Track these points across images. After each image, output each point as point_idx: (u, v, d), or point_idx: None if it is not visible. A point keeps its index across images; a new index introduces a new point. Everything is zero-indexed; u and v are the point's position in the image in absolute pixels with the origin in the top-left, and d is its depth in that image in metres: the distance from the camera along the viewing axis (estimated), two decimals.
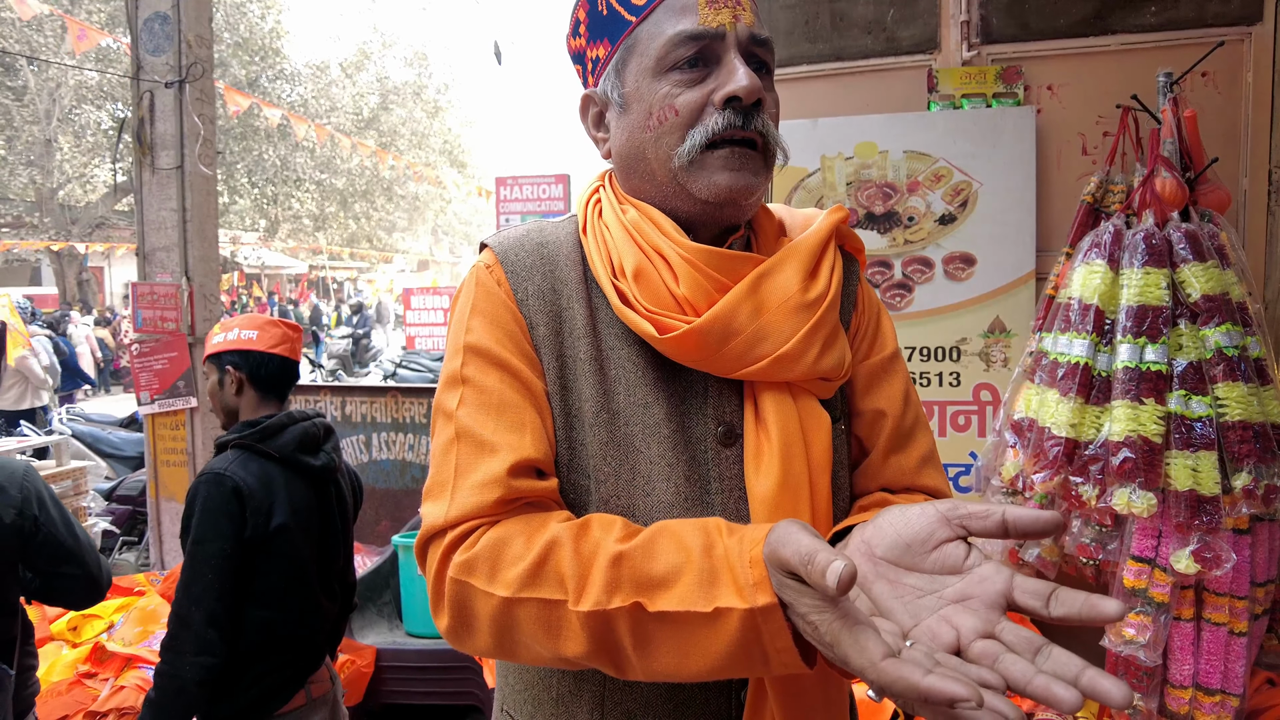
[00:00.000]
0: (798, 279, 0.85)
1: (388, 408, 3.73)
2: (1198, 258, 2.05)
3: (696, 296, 0.83)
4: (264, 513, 1.77)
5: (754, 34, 0.85)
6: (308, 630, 1.88)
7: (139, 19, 4.00)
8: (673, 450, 0.84)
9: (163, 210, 4.05)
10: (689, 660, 0.69)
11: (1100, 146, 2.63)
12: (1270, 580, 2.06)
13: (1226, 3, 2.55)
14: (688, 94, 0.83)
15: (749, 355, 0.83)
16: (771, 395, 0.85)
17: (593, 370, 0.86)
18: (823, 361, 0.85)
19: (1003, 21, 2.74)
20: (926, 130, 2.67)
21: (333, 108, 18.09)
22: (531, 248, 0.90)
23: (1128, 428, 1.98)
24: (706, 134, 0.82)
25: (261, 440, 1.83)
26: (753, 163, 0.84)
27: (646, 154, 0.87)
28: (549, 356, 0.86)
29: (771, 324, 0.83)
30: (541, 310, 0.87)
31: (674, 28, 0.83)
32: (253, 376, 1.92)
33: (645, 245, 0.86)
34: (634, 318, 0.83)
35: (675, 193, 0.86)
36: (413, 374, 8.94)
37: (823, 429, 0.86)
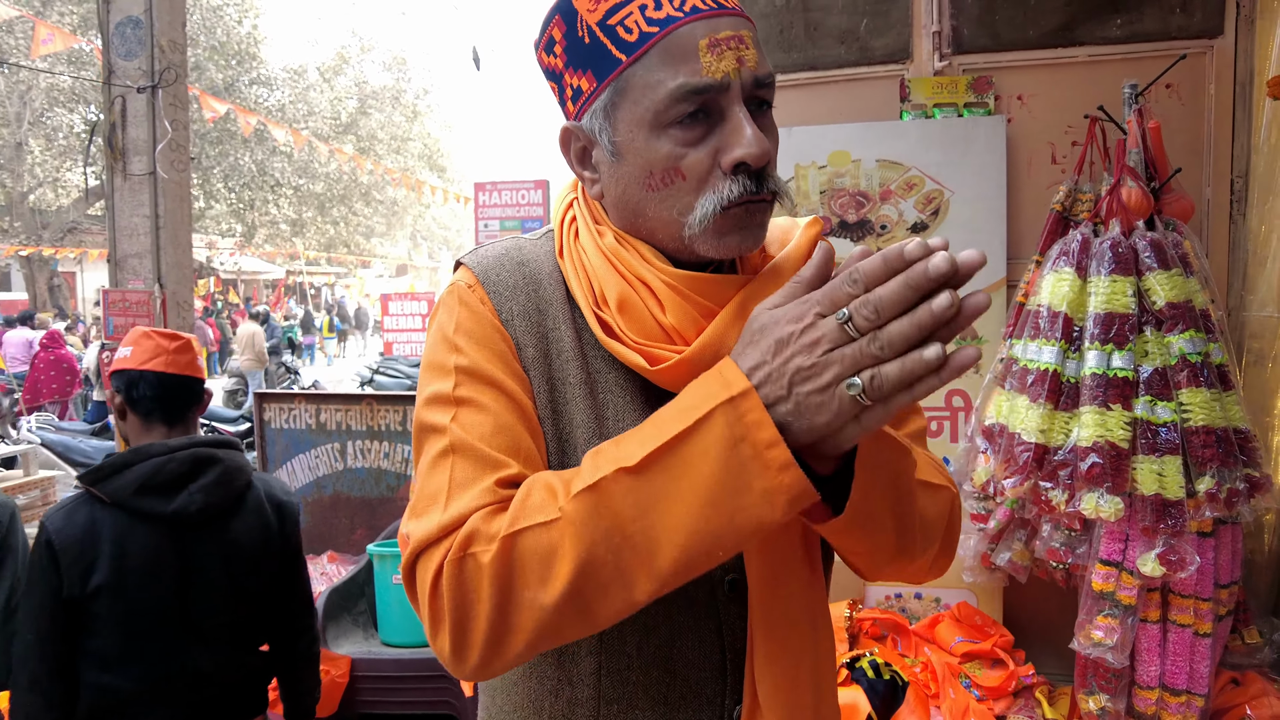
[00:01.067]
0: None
1: (363, 415, 3.71)
2: (1162, 266, 2.09)
3: (684, 324, 0.80)
4: (81, 570, 1.52)
5: (758, 77, 0.78)
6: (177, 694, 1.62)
7: (110, 23, 3.96)
8: None
9: (135, 216, 4.00)
10: (689, 512, 0.65)
11: (1069, 155, 2.67)
12: (1233, 582, 2.10)
13: (1189, 17, 2.61)
14: (692, 155, 0.77)
15: None
16: None
17: (584, 394, 0.83)
18: None
19: (974, 32, 2.78)
20: (899, 139, 2.70)
21: (310, 112, 17.97)
22: (512, 266, 0.87)
23: (1095, 433, 2.02)
24: (720, 202, 0.77)
25: (95, 481, 1.57)
26: (761, 214, 0.81)
27: (648, 212, 0.82)
28: (539, 379, 0.83)
29: None
30: (528, 331, 0.84)
31: (674, 80, 0.76)
32: (128, 398, 1.68)
33: (627, 273, 0.82)
34: (622, 350, 0.81)
35: (678, 248, 0.82)
36: (390, 380, 8.88)
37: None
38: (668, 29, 0.75)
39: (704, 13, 0.76)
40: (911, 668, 2.46)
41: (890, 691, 2.38)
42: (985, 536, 2.33)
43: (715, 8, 0.77)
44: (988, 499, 2.34)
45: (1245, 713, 2.07)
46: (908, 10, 2.82)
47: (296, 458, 3.82)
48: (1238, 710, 2.09)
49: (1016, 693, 2.39)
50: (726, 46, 0.75)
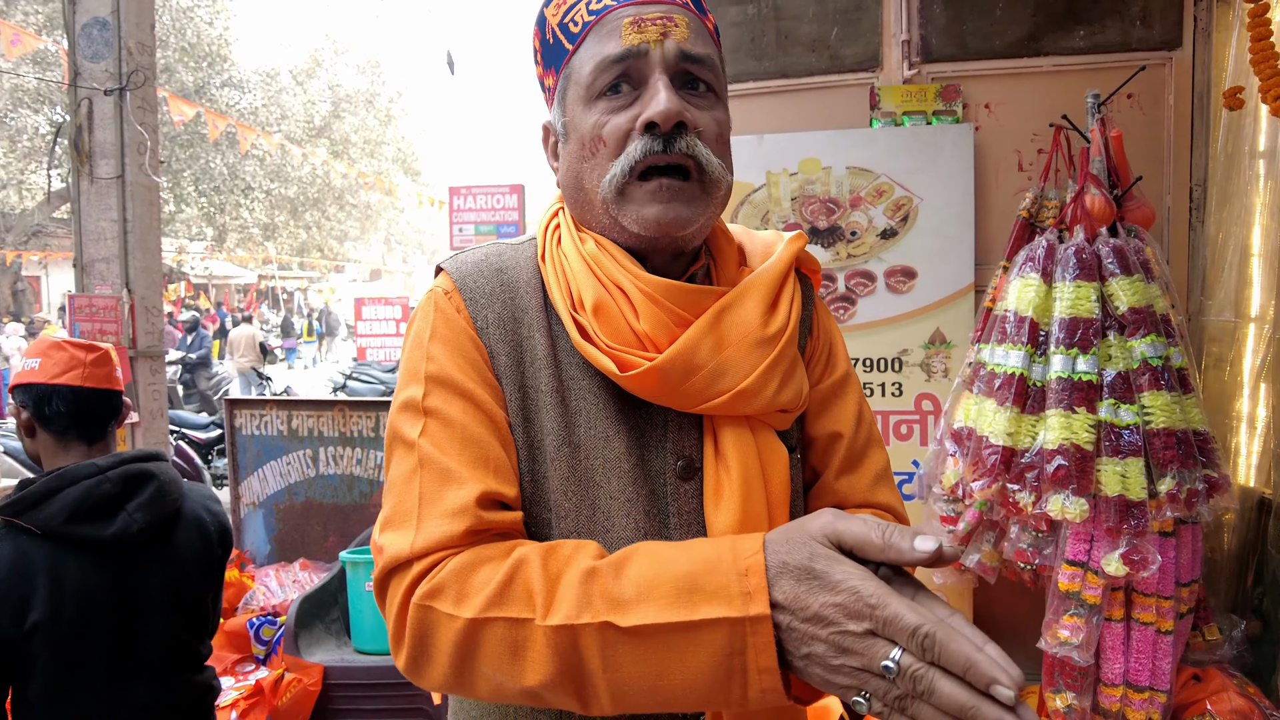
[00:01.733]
0: (758, 312, 0.84)
1: (335, 421, 3.68)
2: (1125, 271, 2.13)
3: (657, 332, 0.81)
4: (13, 609, 1.40)
5: (685, 50, 0.81)
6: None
7: (76, 24, 3.90)
8: (632, 485, 0.83)
9: (102, 220, 3.94)
10: (663, 683, 0.65)
11: (1035, 163, 2.72)
12: (1194, 580, 2.15)
13: (1149, 29, 2.67)
14: (613, 121, 0.81)
15: (710, 390, 0.81)
16: (731, 429, 0.84)
17: (555, 402, 0.83)
18: (781, 395, 0.84)
19: (942, 41, 2.83)
20: (869, 146, 2.73)
21: (283, 115, 17.79)
22: (490, 273, 0.88)
23: (1061, 436, 2.05)
24: (628, 163, 0.80)
25: (19, 512, 1.44)
26: (685, 193, 0.81)
27: (584, 184, 0.84)
28: (511, 386, 0.84)
29: (732, 359, 0.82)
30: (502, 339, 0.84)
31: (600, 53, 0.81)
32: (38, 415, 1.55)
33: (604, 278, 0.83)
34: (594, 353, 0.81)
35: (610, 224, 0.84)
36: (364, 386, 8.80)
37: (781, 462, 0.85)
38: (602, 14, 0.82)
39: (636, 0, 0.82)
40: None
41: None
42: (955, 539, 2.36)
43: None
44: (957, 501, 2.38)
45: (1206, 708, 2.12)
46: (877, 19, 2.86)
47: (268, 464, 3.78)
48: (1199, 705, 2.14)
49: None
50: (650, 23, 0.80)
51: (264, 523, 3.77)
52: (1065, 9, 2.73)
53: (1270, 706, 2.13)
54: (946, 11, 2.81)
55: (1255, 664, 2.32)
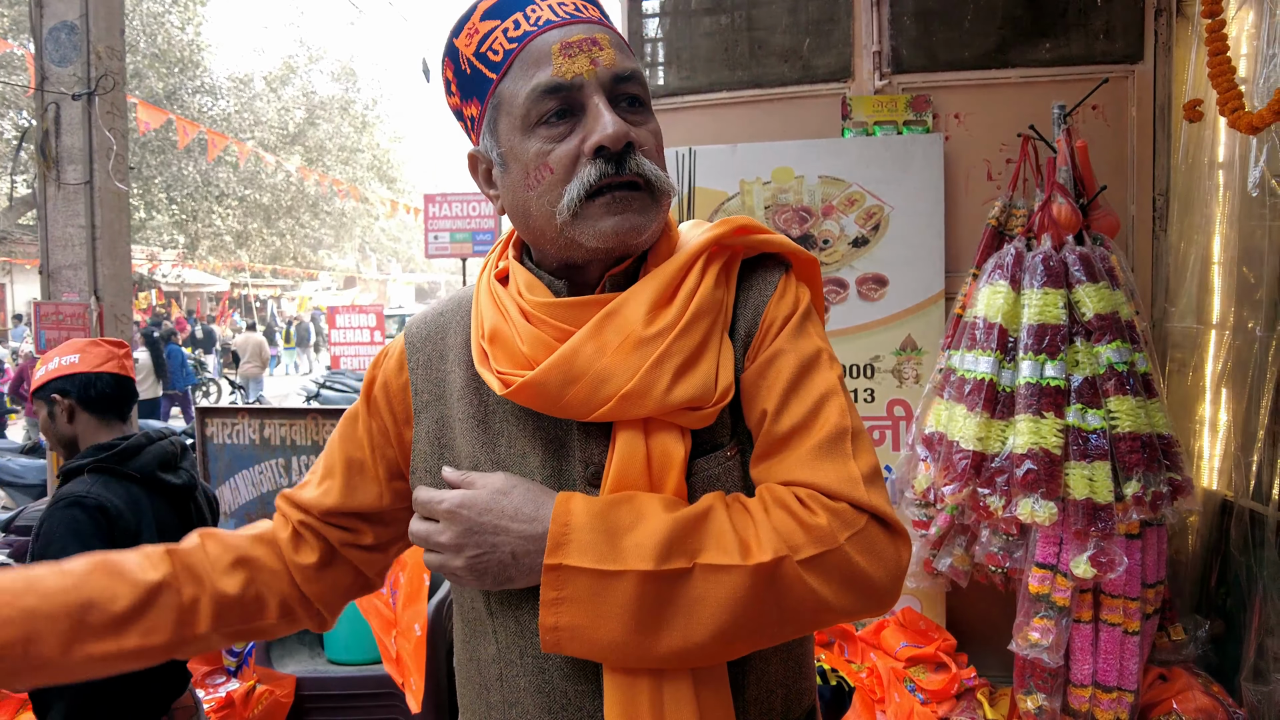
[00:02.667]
0: (642, 313, 0.83)
1: (308, 430, 3.65)
2: (1091, 279, 2.18)
3: (536, 350, 0.83)
4: (131, 534, 1.71)
5: (616, 73, 0.83)
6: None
7: (44, 28, 3.85)
8: None
9: (69, 227, 3.88)
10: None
11: (1004, 172, 2.77)
12: (1159, 581, 2.19)
13: (1112, 42, 2.74)
14: (559, 149, 0.82)
15: (595, 398, 0.81)
16: (624, 434, 0.83)
17: (473, 427, 0.90)
18: (675, 393, 0.81)
19: (912, 53, 2.87)
20: (840, 156, 2.77)
21: (256, 122, 17.63)
22: (431, 319, 0.99)
23: (1030, 440, 2.09)
24: (583, 187, 0.81)
25: (121, 462, 1.78)
26: (637, 201, 0.83)
27: (531, 211, 0.85)
28: (430, 418, 0.94)
29: (613, 364, 0.81)
30: (427, 378, 0.95)
31: (531, 81, 0.82)
32: (83, 399, 1.85)
33: (501, 307, 0.88)
34: (486, 375, 0.85)
35: (566, 244, 0.84)
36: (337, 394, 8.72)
37: (673, 463, 0.82)
38: (524, 42, 0.83)
39: (556, 23, 0.83)
40: (858, 673, 2.51)
41: (837, 697, 2.42)
42: (927, 543, 2.39)
43: (567, 18, 0.83)
44: (928, 506, 2.40)
45: (1172, 706, 2.16)
46: (849, 31, 2.90)
47: (240, 474, 3.73)
48: (1165, 704, 2.18)
49: (959, 695, 2.45)
50: (579, 49, 0.82)
51: None
52: (1031, 23, 2.78)
53: (1234, 704, 2.17)
54: (917, 24, 2.86)
55: (1219, 663, 2.37)
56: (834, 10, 2.92)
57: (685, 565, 0.75)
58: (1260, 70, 2.08)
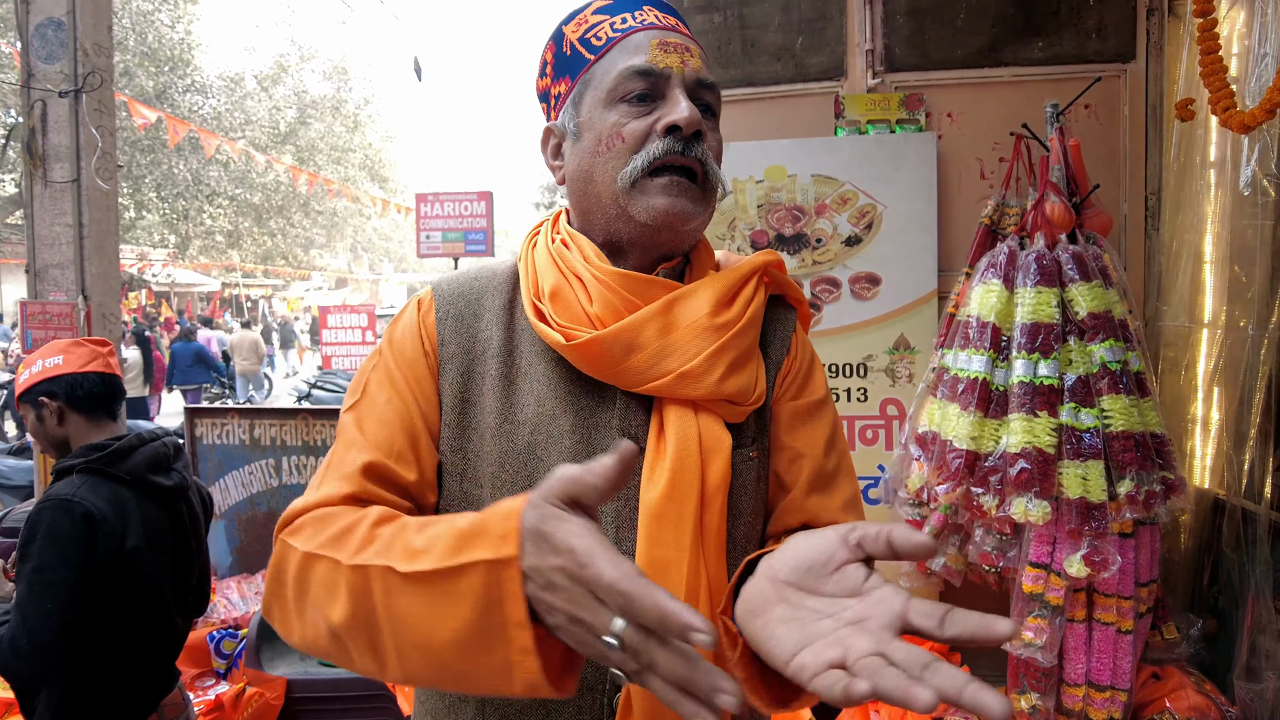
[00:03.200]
0: (709, 304, 0.90)
1: (298, 430, 3.62)
2: (1084, 277, 2.17)
3: (606, 313, 0.88)
4: (116, 537, 1.71)
5: (700, 78, 0.92)
6: (162, 655, 1.86)
7: (30, 24, 3.81)
8: (572, 459, 0.87)
9: (56, 225, 3.85)
10: (434, 642, 0.64)
11: (997, 171, 2.77)
12: (1152, 580, 2.19)
13: (1104, 42, 2.74)
14: (634, 123, 0.89)
15: (653, 370, 0.86)
16: (675, 410, 0.88)
17: (500, 386, 0.91)
18: (727, 383, 0.87)
19: (905, 51, 2.87)
20: (833, 155, 2.76)
21: (248, 121, 17.55)
22: (465, 279, 0.99)
23: (1024, 439, 2.08)
24: (648, 158, 0.88)
25: (110, 464, 1.77)
26: (691, 191, 0.90)
27: (595, 176, 0.91)
28: (454, 372, 0.92)
29: (677, 342, 0.87)
30: (456, 330, 0.93)
31: (626, 63, 0.90)
32: (71, 400, 1.84)
33: (565, 269, 0.92)
34: (545, 329, 0.88)
35: (617, 214, 0.91)
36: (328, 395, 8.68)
37: (722, 448, 0.88)
38: (628, 33, 0.92)
39: (659, 26, 0.93)
40: None
41: None
42: None
43: (668, 26, 0.93)
44: (922, 505, 2.40)
45: (1165, 705, 2.15)
46: (842, 29, 2.90)
47: (230, 474, 3.71)
48: (1158, 704, 2.18)
49: None
50: (674, 49, 0.91)
51: (225, 534, 3.70)
52: (1024, 21, 2.78)
53: (1227, 703, 2.18)
54: (909, 22, 2.85)
55: (1212, 662, 2.37)
56: (827, 8, 2.91)
57: None
58: (1252, 69, 2.08)
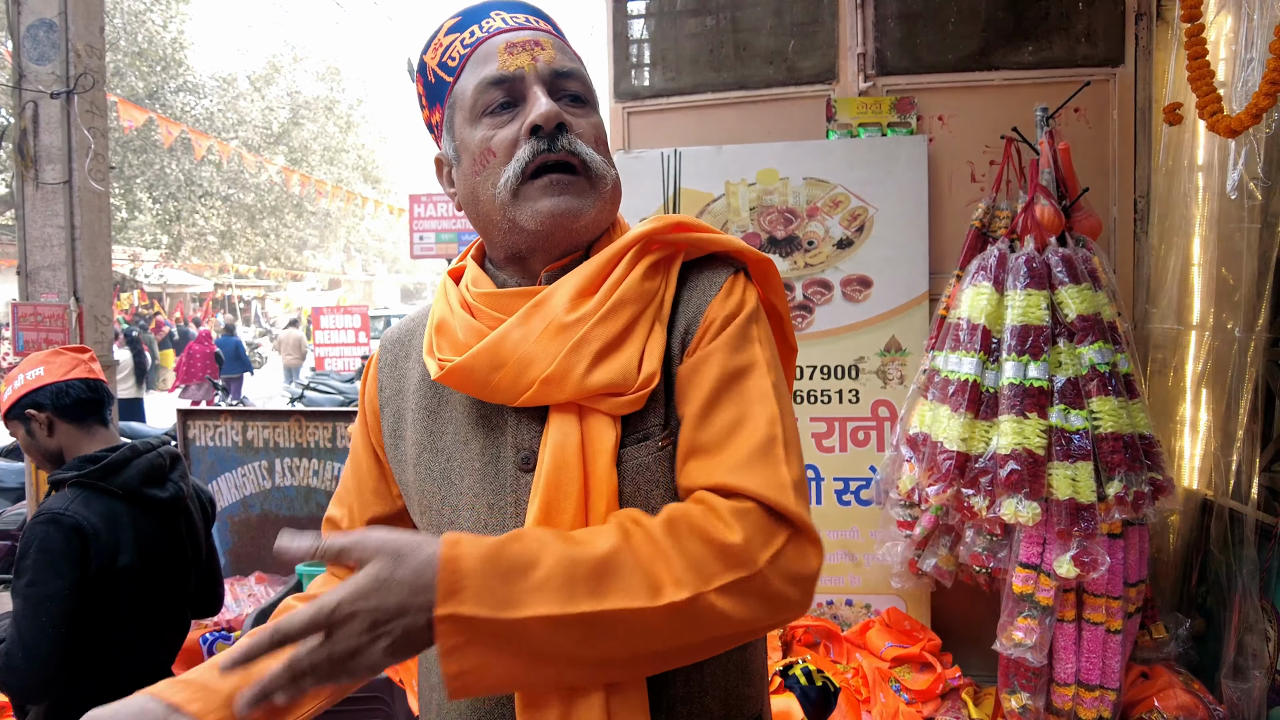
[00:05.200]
0: (565, 300, 0.86)
1: (291, 432, 3.62)
2: (1073, 280, 2.19)
3: (469, 337, 0.89)
4: (108, 553, 1.70)
5: (555, 69, 0.91)
6: (153, 666, 1.85)
7: (21, 25, 3.80)
8: (481, 481, 0.90)
9: (48, 227, 3.83)
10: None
11: (987, 174, 2.78)
12: (1141, 580, 2.21)
13: (1094, 46, 2.76)
14: (500, 134, 0.89)
15: (520, 382, 0.85)
16: (556, 419, 0.85)
17: (422, 418, 0.96)
18: (593, 377, 0.83)
19: (896, 55, 2.88)
20: (825, 158, 2.77)
21: (240, 121, 17.51)
22: (405, 325, 1.05)
23: (1014, 441, 2.10)
24: (519, 165, 0.87)
25: (104, 477, 1.75)
26: (574, 186, 0.89)
27: (479, 195, 0.92)
28: (390, 411, 1.00)
29: (535, 350, 0.84)
30: (390, 375, 1.02)
31: (478, 76, 0.91)
32: (58, 409, 1.81)
33: (450, 301, 0.95)
34: (429, 361, 0.91)
35: (509, 228, 0.90)
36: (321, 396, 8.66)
37: (605, 448, 0.83)
38: (476, 45, 0.93)
39: (505, 29, 0.92)
40: (843, 673, 2.51)
41: (823, 698, 2.43)
42: (911, 543, 2.40)
43: (515, 26, 0.93)
44: (913, 506, 2.41)
45: (1154, 704, 2.17)
46: (833, 33, 2.91)
47: (222, 476, 3.70)
48: (1146, 702, 2.19)
49: (944, 695, 2.46)
50: (522, 48, 0.90)
51: (219, 535, 3.69)
52: (1014, 25, 2.80)
53: (1214, 701, 2.19)
54: (901, 26, 2.87)
55: (1200, 661, 2.39)
56: (819, 12, 2.92)
57: (590, 609, 0.70)
58: (1238, 74, 2.10)
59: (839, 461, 2.79)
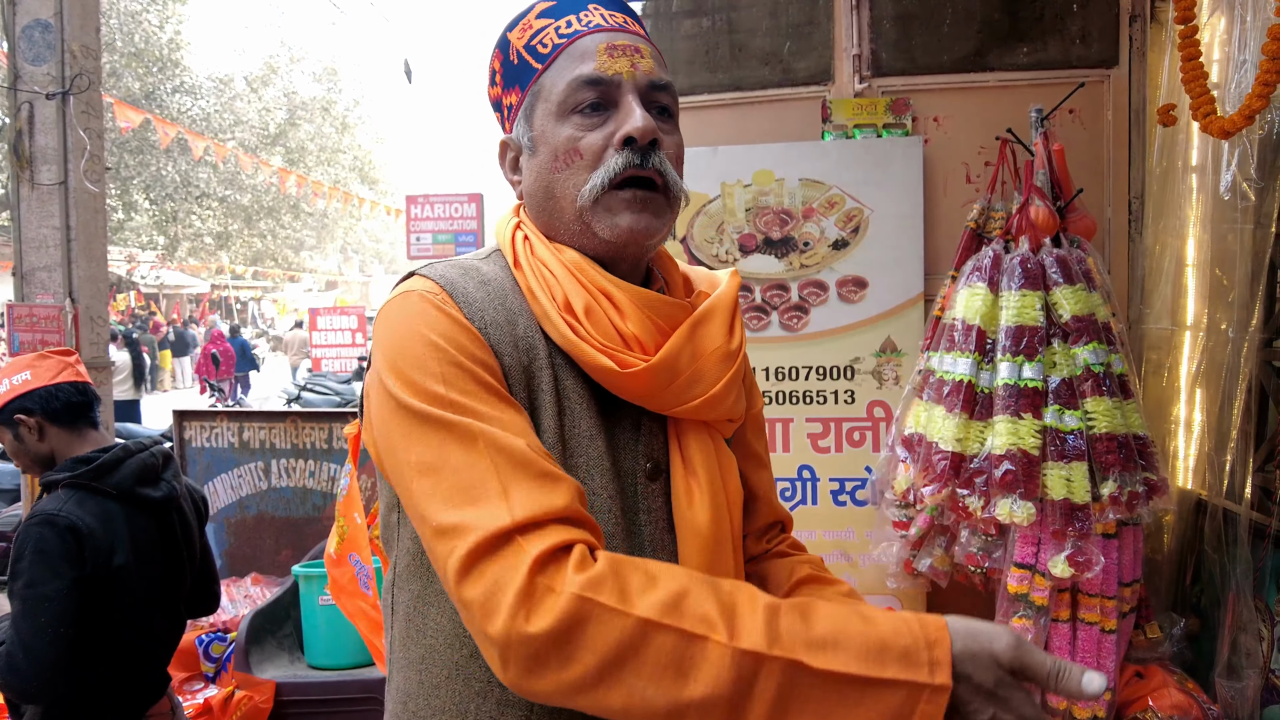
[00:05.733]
0: (723, 330, 0.93)
1: (288, 433, 3.62)
2: (1068, 281, 2.20)
3: (645, 336, 0.88)
4: (104, 552, 1.70)
5: (653, 80, 0.90)
6: (149, 666, 1.87)
7: (17, 26, 3.80)
8: (613, 482, 0.89)
9: (43, 228, 3.83)
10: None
11: (982, 175, 2.79)
12: (1135, 580, 2.21)
13: (1088, 47, 2.77)
14: (590, 136, 0.88)
15: (685, 395, 0.90)
16: (694, 434, 0.92)
17: (553, 400, 0.86)
18: (738, 406, 0.95)
19: (892, 56, 2.89)
20: (821, 159, 2.78)
21: (237, 122, 17.51)
22: (477, 281, 0.88)
23: (1008, 441, 2.10)
24: (608, 174, 0.87)
25: (97, 478, 1.76)
26: (654, 204, 0.89)
27: (555, 192, 0.91)
28: (517, 386, 0.85)
29: (705, 368, 0.90)
30: (505, 340, 0.85)
31: (574, 72, 0.88)
32: (48, 413, 1.81)
33: (590, 285, 0.88)
34: (590, 352, 0.85)
35: (581, 230, 0.90)
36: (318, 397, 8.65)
37: (733, 466, 0.96)
38: (573, 39, 0.90)
39: (605, 28, 0.90)
40: None
41: None
42: (907, 544, 2.40)
43: (616, 26, 0.91)
44: (908, 506, 2.42)
45: (1148, 704, 2.18)
46: (829, 34, 2.92)
47: (219, 477, 3.70)
48: (1141, 702, 2.20)
49: None
50: (622, 52, 0.89)
51: (215, 537, 3.69)
52: (1009, 27, 2.81)
53: (1209, 701, 2.20)
54: (896, 27, 2.88)
55: (1194, 660, 2.40)
56: (814, 13, 2.93)
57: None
58: (1232, 76, 2.11)
59: (834, 462, 2.80)
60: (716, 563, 0.89)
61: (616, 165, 0.87)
